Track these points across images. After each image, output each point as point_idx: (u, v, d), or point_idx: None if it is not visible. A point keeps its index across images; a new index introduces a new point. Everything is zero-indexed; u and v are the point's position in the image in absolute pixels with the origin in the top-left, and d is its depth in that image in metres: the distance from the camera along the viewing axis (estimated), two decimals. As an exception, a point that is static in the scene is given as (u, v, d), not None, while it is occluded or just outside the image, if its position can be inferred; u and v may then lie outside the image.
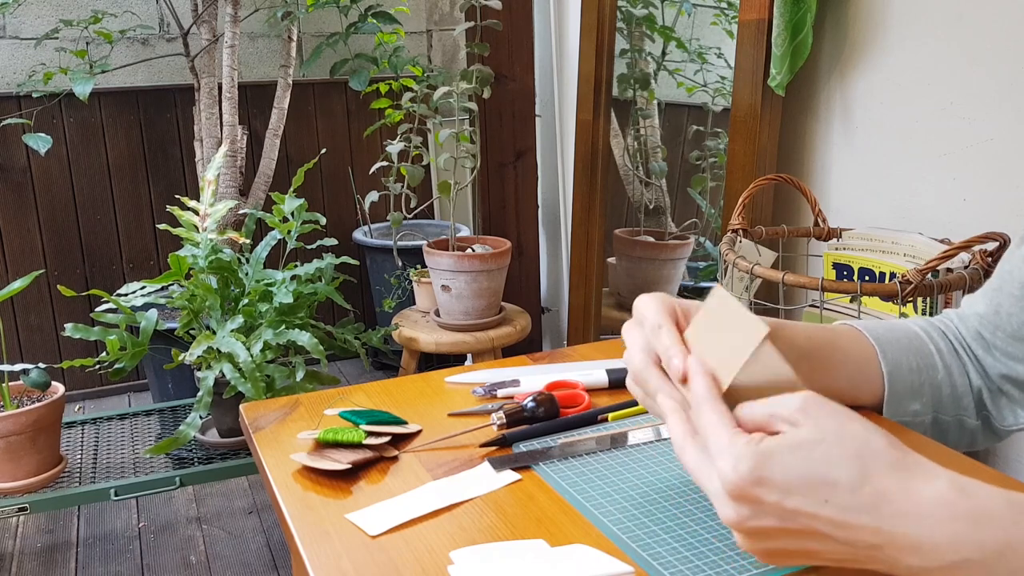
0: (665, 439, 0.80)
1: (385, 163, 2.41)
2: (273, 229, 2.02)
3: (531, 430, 0.81)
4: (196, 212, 1.96)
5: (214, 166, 2.02)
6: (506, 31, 2.51)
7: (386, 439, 0.79)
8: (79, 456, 2.07)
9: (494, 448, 0.79)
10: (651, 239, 2.37)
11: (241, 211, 2.50)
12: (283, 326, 1.86)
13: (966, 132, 1.43)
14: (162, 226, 2.09)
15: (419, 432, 0.83)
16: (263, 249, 2.00)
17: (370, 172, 2.63)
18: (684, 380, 0.61)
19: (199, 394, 1.83)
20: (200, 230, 1.93)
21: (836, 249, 1.50)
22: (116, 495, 1.90)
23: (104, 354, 1.88)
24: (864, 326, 0.80)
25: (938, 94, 1.48)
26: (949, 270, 1.28)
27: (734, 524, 0.53)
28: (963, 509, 0.51)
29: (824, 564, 0.54)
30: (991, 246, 1.26)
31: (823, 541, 0.52)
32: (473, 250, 2.33)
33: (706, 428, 0.56)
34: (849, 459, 0.52)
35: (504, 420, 0.82)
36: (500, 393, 0.91)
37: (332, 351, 1.99)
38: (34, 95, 2.67)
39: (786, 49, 1.62)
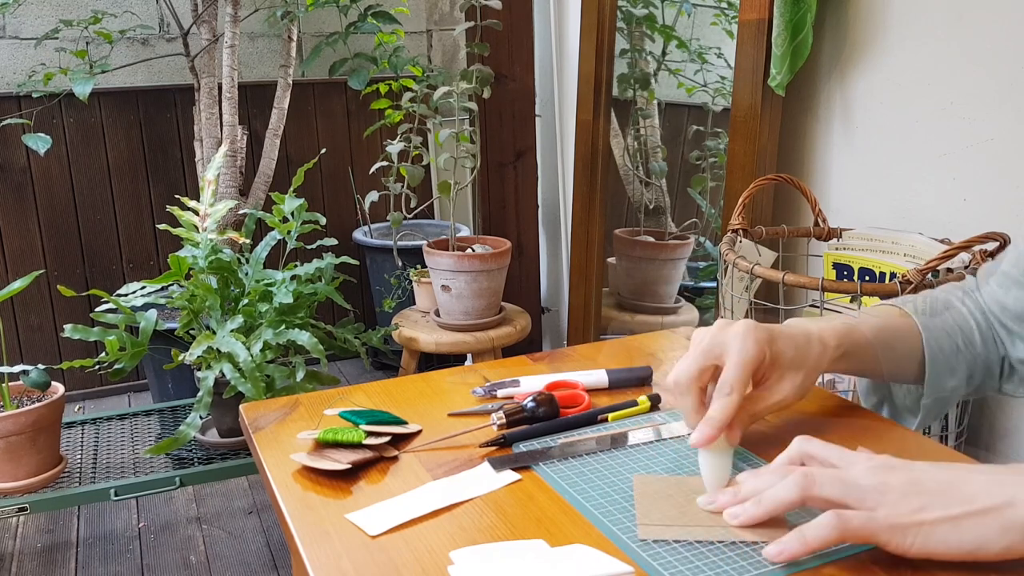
0: (665, 439, 0.80)
1: (385, 163, 2.41)
2: (273, 229, 2.02)
3: (531, 430, 0.81)
4: (196, 212, 1.95)
5: (214, 166, 2.02)
6: (506, 31, 2.51)
7: (386, 439, 0.79)
8: (79, 456, 2.07)
9: (494, 448, 0.79)
10: (651, 239, 2.37)
11: (241, 211, 2.49)
12: (283, 326, 1.86)
13: (966, 132, 1.43)
14: (162, 226, 2.09)
15: (419, 432, 0.83)
16: (263, 249, 2.00)
17: (370, 172, 2.63)
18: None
19: (199, 394, 1.83)
20: (200, 230, 1.93)
21: (836, 249, 1.50)
22: (116, 495, 1.90)
23: (104, 354, 1.88)
24: (914, 308, 0.85)
25: (938, 94, 1.48)
26: (949, 270, 1.28)
27: (887, 464, 0.61)
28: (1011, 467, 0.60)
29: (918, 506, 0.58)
30: (991, 246, 1.26)
31: (959, 479, 0.59)
32: (473, 250, 2.33)
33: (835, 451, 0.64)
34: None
35: (504, 420, 0.82)
36: (500, 393, 0.91)
37: (332, 351, 1.99)
38: (34, 95, 2.67)
39: (786, 49, 1.62)
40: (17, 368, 1.90)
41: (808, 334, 0.77)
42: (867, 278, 1.44)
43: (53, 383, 1.95)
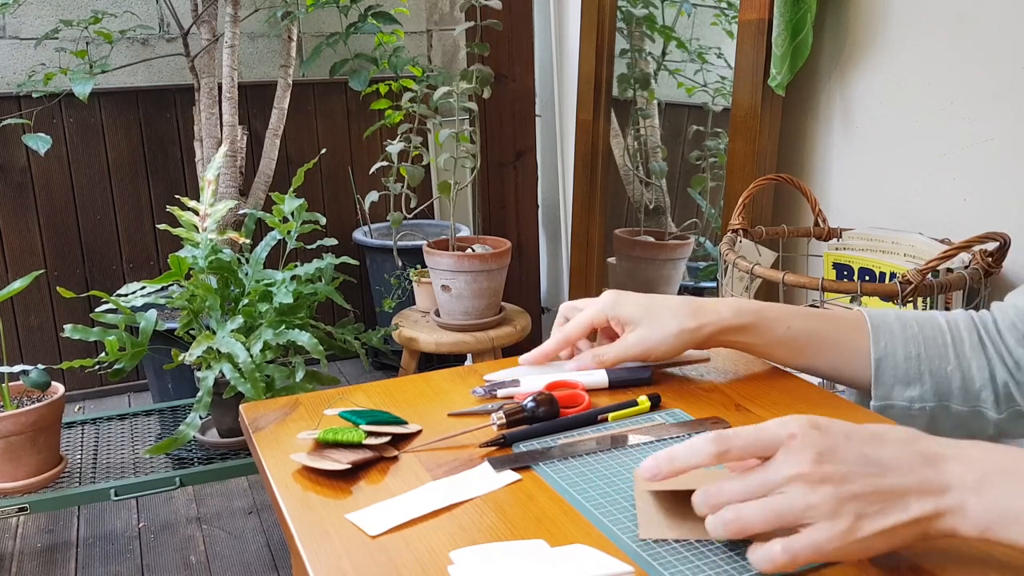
0: (665, 439, 0.80)
1: (385, 163, 2.41)
2: (273, 229, 2.02)
3: (531, 430, 0.81)
4: (196, 212, 1.95)
5: (214, 166, 2.02)
6: (506, 31, 2.51)
7: (386, 439, 0.79)
8: (79, 456, 2.07)
9: (494, 448, 0.79)
10: (651, 239, 2.37)
11: (241, 211, 2.49)
12: (283, 326, 1.86)
13: (966, 132, 1.43)
14: (162, 226, 2.09)
15: (419, 432, 0.83)
16: (263, 249, 2.00)
17: (370, 172, 2.63)
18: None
19: (199, 394, 1.83)
20: (200, 230, 1.93)
21: (836, 249, 1.50)
22: (116, 495, 1.90)
23: (104, 354, 1.88)
24: (871, 312, 0.83)
25: (938, 94, 1.48)
26: (949, 270, 1.28)
27: (823, 466, 0.56)
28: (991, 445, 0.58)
29: (883, 519, 0.56)
30: (991, 246, 1.26)
31: (893, 468, 0.56)
32: (473, 250, 2.33)
33: (747, 441, 0.59)
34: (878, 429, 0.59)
35: (504, 420, 0.82)
36: (500, 393, 0.91)
37: (332, 351, 1.99)
38: (34, 95, 2.67)
39: (786, 49, 1.62)
40: (17, 368, 1.90)
41: (691, 301, 0.86)
42: (867, 278, 1.44)
43: (53, 383, 1.95)
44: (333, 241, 2.10)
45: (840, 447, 0.57)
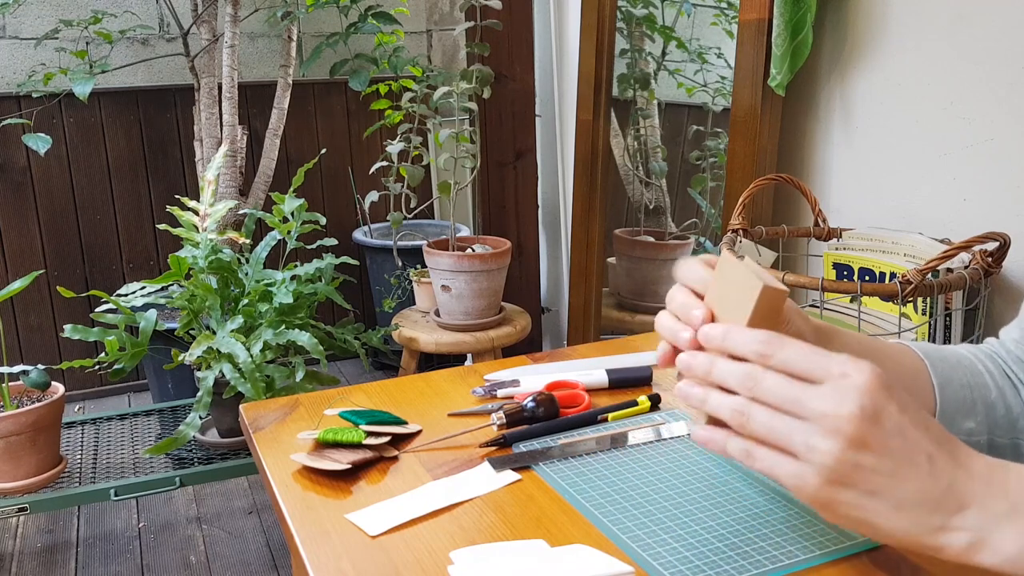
0: (665, 439, 0.80)
1: (385, 163, 2.41)
2: (273, 229, 2.02)
3: (531, 430, 0.81)
4: (196, 212, 1.95)
5: (214, 166, 2.02)
6: (506, 31, 2.51)
7: (386, 439, 0.79)
8: (79, 456, 2.07)
9: (494, 448, 0.79)
10: (651, 239, 2.37)
11: (241, 211, 2.49)
12: (283, 326, 1.86)
13: (966, 132, 1.43)
14: (162, 226, 2.09)
15: (419, 432, 0.83)
16: (263, 249, 2.00)
17: (370, 172, 2.63)
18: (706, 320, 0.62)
19: (199, 394, 1.83)
20: (200, 230, 1.93)
21: (836, 249, 1.50)
22: (116, 495, 1.90)
23: (104, 354, 1.88)
24: (911, 343, 0.78)
25: (938, 94, 1.48)
26: (949, 270, 1.28)
27: (860, 425, 0.51)
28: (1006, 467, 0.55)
29: (892, 524, 0.52)
30: (991, 246, 1.26)
31: (915, 469, 0.52)
32: (473, 250, 2.33)
33: (801, 353, 0.54)
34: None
35: (504, 420, 0.82)
36: (500, 393, 0.91)
37: (332, 351, 1.99)
38: (34, 95, 2.67)
39: (786, 49, 1.62)
40: (17, 368, 1.90)
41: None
42: (867, 278, 1.44)
43: (53, 383, 1.95)
44: (333, 241, 2.10)
45: (887, 413, 0.52)
